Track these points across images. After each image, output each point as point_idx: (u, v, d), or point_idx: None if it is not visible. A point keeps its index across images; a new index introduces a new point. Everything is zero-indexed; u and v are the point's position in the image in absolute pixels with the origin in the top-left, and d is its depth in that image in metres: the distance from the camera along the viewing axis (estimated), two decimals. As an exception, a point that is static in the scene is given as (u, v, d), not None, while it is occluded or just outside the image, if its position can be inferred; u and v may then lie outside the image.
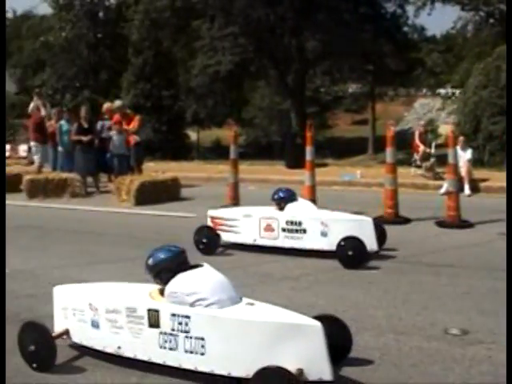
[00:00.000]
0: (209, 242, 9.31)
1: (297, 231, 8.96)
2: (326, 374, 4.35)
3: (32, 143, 18.78)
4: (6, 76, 33.88)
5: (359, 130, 44.81)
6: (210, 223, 9.66)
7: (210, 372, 4.71)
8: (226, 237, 9.52)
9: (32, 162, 20.20)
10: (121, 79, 34.13)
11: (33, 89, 31.94)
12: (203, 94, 32.96)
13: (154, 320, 4.92)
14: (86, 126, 16.55)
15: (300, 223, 8.92)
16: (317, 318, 4.68)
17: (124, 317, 5.08)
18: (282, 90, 33.36)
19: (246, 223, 9.36)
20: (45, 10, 51.61)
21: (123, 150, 16.38)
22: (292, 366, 4.34)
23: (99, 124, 17.23)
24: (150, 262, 5.13)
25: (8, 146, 28.38)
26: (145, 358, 5.01)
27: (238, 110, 38.51)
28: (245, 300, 4.94)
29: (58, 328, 5.51)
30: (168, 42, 32.96)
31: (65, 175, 16.16)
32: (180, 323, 4.80)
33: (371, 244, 8.39)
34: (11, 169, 18.50)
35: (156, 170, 17.29)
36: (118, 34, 38.75)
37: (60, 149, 17.37)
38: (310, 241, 8.87)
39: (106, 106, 17.97)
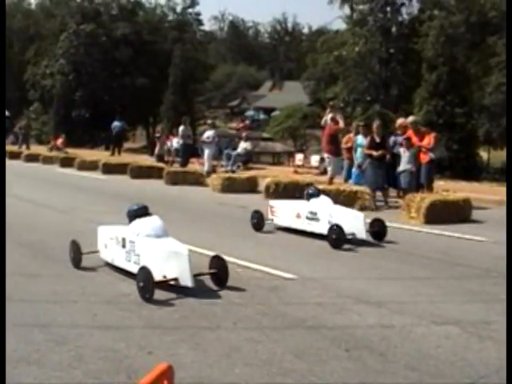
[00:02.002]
0: (258, 221, 12.56)
1: (313, 219, 11.87)
2: (189, 283, 7.59)
3: (325, 155, 19.24)
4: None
5: None
6: (269, 210, 12.98)
7: (171, 281, 7.74)
8: (275, 220, 12.83)
9: (323, 173, 20.78)
10: (412, 95, 33.90)
11: (326, 101, 32.97)
12: (497, 112, 31.67)
13: (123, 244, 8.60)
14: (378, 140, 16.55)
15: (316, 213, 11.85)
16: (213, 256, 8.38)
17: (115, 242, 8.83)
18: None
19: (285, 211, 12.61)
20: (339, 25, 53.13)
21: (411, 165, 16.19)
22: (172, 275, 7.70)
23: (392, 139, 17.21)
24: (126, 211, 8.90)
25: (300, 156, 29.42)
26: (120, 266, 8.73)
27: (534, 131, 36.41)
28: (168, 237, 8.34)
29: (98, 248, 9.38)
30: (462, 58, 32.16)
31: (355, 188, 16.32)
32: (131, 246, 8.41)
33: (360, 232, 11.16)
34: (303, 178, 19.17)
35: (446, 188, 16.82)
36: (411, 49, 38.56)
37: (354, 162, 17.72)
38: (321, 227, 11.52)
39: (400, 121, 17.89)
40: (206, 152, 24.17)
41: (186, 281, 7.59)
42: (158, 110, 59.88)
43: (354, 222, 11.25)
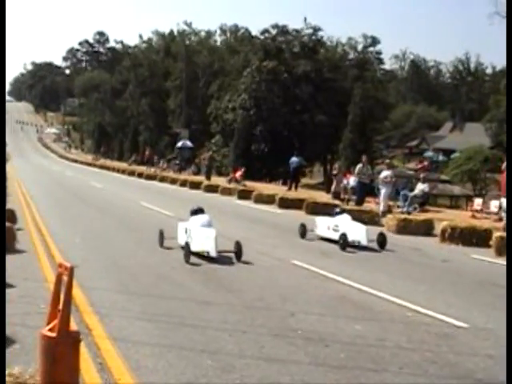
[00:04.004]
0: (302, 231, 16.59)
1: (336, 230, 15.58)
2: (214, 254, 12.41)
3: (503, 199, 18.40)
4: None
5: None
6: (314, 224, 16.90)
7: (194, 251, 12.38)
8: (316, 231, 16.68)
9: (501, 219, 19.89)
10: None
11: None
12: None
13: (185, 231, 13.20)
14: None
15: (338, 226, 15.65)
16: (236, 242, 12.72)
17: (182, 230, 13.45)
18: None
19: (321, 224, 16.63)
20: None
21: None
22: (206, 249, 12.53)
23: None
24: (190, 210, 14.00)
25: (479, 200, 28.32)
26: (182, 244, 12.94)
27: None
28: (210, 228, 13.10)
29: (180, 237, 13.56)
30: None
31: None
32: (189, 232, 12.94)
33: (362, 239, 15.02)
34: (481, 223, 18.44)
35: None
36: None
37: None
38: (339, 235, 15.13)
39: None
40: (383, 192, 23.90)
41: (213, 253, 12.45)
42: (335, 147, 60.33)
43: (359, 233, 15.23)
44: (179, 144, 60.06)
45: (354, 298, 9.84)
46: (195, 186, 37.35)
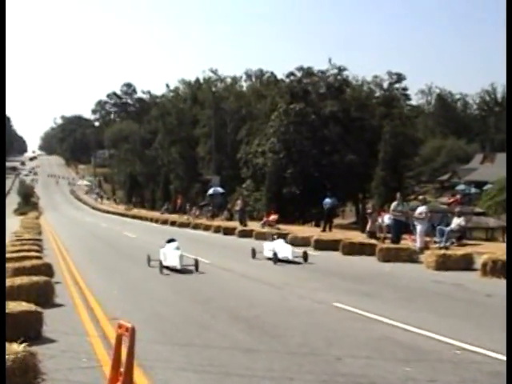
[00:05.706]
0: (253, 253, 22.60)
1: (272, 250, 21.04)
2: (179, 267, 18.45)
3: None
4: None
5: None
6: (263, 248, 22.75)
7: (166, 265, 18.74)
8: (264, 253, 22.35)
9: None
10: None
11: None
12: None
13: (163, 256, 19.22)
14: None
15: (273, 247, 21.27)
16: (195, 259, 18.93)
17: (162, 255, 19.35)
18: None
19: (265, 247, 22.57)
20: None
21: None
22: (174, 264, 18.65)
23: None
24: (166, 240, 20.84)
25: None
26: (165, 264, 18.84)
27: None
28: (179, 250, 19.20)
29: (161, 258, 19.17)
30: None
31: None
32: (165, 255, 19.27)
33: (288, 255, 20.63)
34: None
35: None
36: None
37: None
38: (280, 254, 20.72)
39: None
40: (419, 228, 23.64)
41: (178, 266, 18.19)
42: (367, 186, 60.08)
43: (287, 251, 20.86)
44: (210, 191, 60.28)
45: (400, 338, 9.62)
46: (229, 231, 37.35)
